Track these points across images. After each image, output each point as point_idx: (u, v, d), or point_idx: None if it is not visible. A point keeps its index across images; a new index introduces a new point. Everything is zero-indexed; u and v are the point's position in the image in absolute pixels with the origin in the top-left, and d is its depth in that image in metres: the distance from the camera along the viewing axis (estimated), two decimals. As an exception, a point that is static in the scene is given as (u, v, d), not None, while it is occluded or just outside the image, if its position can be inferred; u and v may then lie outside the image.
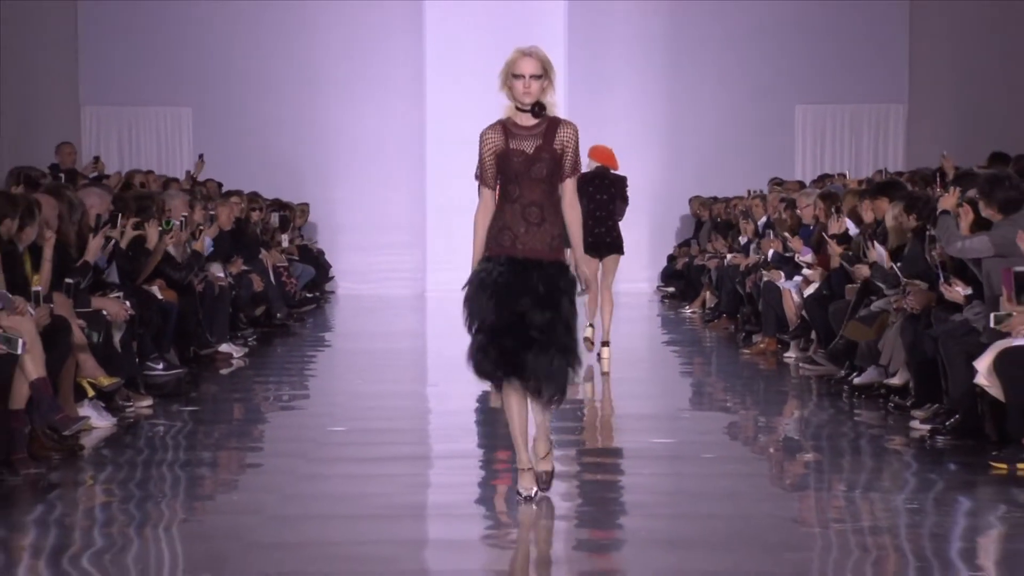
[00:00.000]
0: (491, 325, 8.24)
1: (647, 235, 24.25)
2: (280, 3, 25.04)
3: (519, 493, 8.44)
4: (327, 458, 10.47)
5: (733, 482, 9.82)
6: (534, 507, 8.31)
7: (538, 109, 8.36)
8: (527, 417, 8.43)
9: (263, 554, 7.73)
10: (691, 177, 24.80)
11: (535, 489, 8.45)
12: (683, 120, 25.12)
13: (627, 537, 8.14)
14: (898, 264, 12.45)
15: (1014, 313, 10.07)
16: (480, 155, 8.47)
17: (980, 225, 11.14)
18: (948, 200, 11.59)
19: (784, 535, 8.19)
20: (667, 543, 7.98)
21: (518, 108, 8.40)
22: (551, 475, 8.57)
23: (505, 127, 8.44)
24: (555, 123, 8.44)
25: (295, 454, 10.68)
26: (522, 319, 8.24)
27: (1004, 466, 9.57)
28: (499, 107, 8.56)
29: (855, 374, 12.99)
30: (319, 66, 25.08)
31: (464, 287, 8.40)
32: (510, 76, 8.34)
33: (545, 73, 8.35)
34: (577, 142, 8.47)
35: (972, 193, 11.45)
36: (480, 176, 8.49)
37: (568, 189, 8.51)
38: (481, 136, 8.47)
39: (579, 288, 8.52)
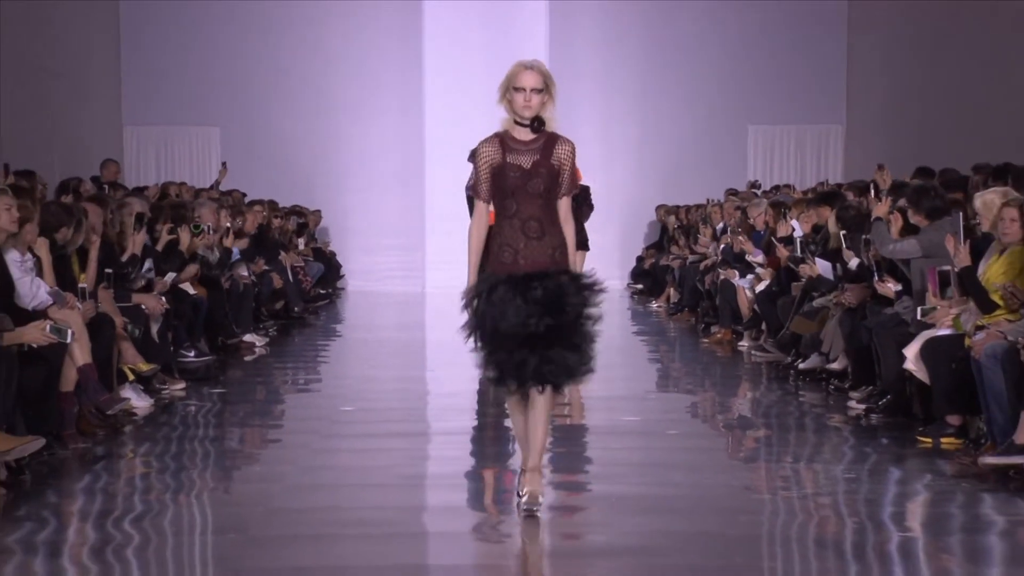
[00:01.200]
0: (498, 338, 7.28)
1: (619, 238, 24.24)
2: (297, 34, 25.01)
3: (519, 494, 7.42)
4: (338, 434, 10.49)
5: (693, 455, 9.83)
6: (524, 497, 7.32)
7: (537, 124, 7.41)
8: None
9: (282, 518, 7.74)
10: (657, 187, 24.79)
11: (538, 493, 7.38)
12: (650, 138, 25.12)
13: (599, 502, 8.15)
14: (836, 265, 12.50)
15: (938, 307, 10.11)
16: (476, 168, 7.53)
17: (908, 230, 11.18)
18: (881, 208, 11.64)
19: (738, 501, 8.21)
20: (635, 507, 8.00)
21: (517, 122, 7.44)
22: (540, 502, 7.39)
23: (503, 140, 7.46)
24: (553, 139, 7.46)
25: (310, 431, 10.69)
26: (529, 327, 7.25)
27: (929, 440, 9.61)
28: (491, 124, 7.68)
29: (800, 360, 13.03)
30: (330, 89, 25.03)
31: (463, 301, 7.41)
32: (511, 89, 7.40)
33: (546, 87, 7.41)
34: (574, 160, 7.51)
35: (902, 202, 11.49)
36: (474, 189, 7.55)
37: (563, 207, 7.50)
38: (478, 149, 7.50)
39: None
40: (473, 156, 7.64)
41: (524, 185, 7.39)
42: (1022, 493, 8.07)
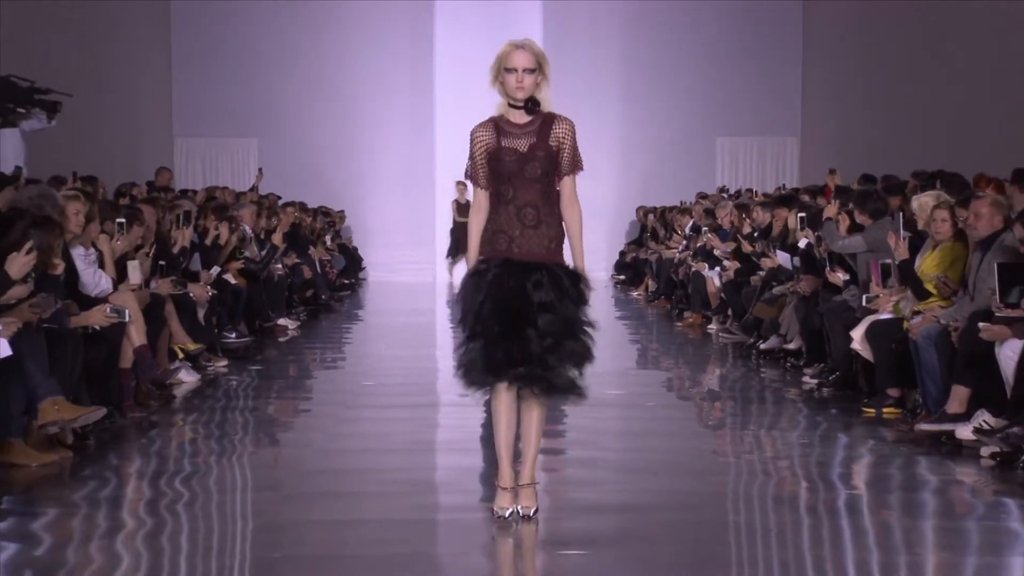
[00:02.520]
0: (486, 330, 6.10)
1: (604, 235, 24.22)
2: (324, 58, 25.04)
3: (494, 512, 6.22)
4: (360, 405, 10.49)
5: (668, 423, 9.85)
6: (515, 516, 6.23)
7: (532, 105, 6.18)
8: (514, 432, 6.25)
9: (311, 478, 7.75)
10: (638, 190, 24.79)
11: (510, 509, 6.20)
12: (632, 148, 25.11)
13: (585, 464, 8.16)
14: (796, 260, 12.53)
15: (880, 295, 10.13)
16: (471, 154, 6.30)
17: (854, 228, 11.20)
18: (831, 210, 11.65)
19: (707, 463, 8.23)
20: (617, 469, 8.03)
21: (511, 104, 6.22)
22: (535, 511, 6.26)
23: (497, 124, 6.25)
24: (550, 119, 6.24)
25: (336, 402, 10.70)
26: (521, 323, 6.08)
27: (872, 410, 9.64)
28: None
29: (761, 341, 13.04)
30: (353, 106, 25.03)
31: (459, 288, 6.36)
32: (502, 70, 6.18)
33: (539, 67, 6.17)
34: (575, 137, 6.25)
35: (848, 204, 11.52)
36: (472, 176, 6.32)
37: (567, 187, 6.27)
38: (472, 134, 6.29)
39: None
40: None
41: (521, 170, 6.20)
42: (952, 456, 8.09)
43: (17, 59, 14.29)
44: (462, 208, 22.73)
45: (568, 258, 6.30)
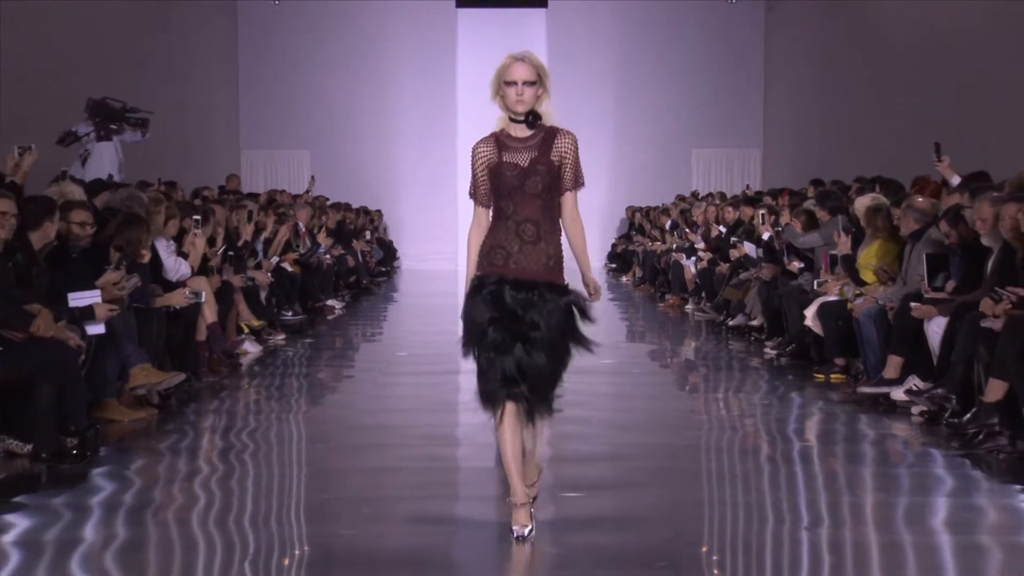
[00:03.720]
0: (489, 344, 5.03)
1: (598, 230, 24.19)
2: (365, 81, 25.02)
3: (512, 531, 5.03)
4: (395, 372, 10.52)
5: (651, 387, 9.88)
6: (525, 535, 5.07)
7: (532, 119, 5.10)
8: (520, 447, 5.15)
9: (355, 432, 7.79)
10: (627, 193, 24.75)
11: (529, 527, 5.05)
12: (622, 157, 25.05)
13: (582, 422, 8.18)
14: (759, 250, 12.55)
15: (828, 281, 10.14)
16: (472, 170, 5.25)
17: (809, 225, 11.24)
18: (785, 216, 11.79)
19: (684, 420, 8.24)
20: (608, 425, 8.04)
21: (511, 119, 5.14)
22: (534, 499, 5.27)
23: (498, 139, 5.16)
24: (552, 133, 5.13)
25: (375, 369, 10.74)
26: (515, 340, 5.01)
27: (822, 376, 9.67)
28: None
29: (729, 319, 13.05)
30: (389, 120, 25.04)
31: (462, 310, 5.17)
32: (502, 83, 5.12)
33: (539, 80, 5.09)
34: (577, 152, 5.14)
35: (808, 204, 11.57)
36: (473, 194, 5.26)
37: (568, 203, 5.14)
38: (473, 150, 5.23)
39: (586, 295, 5.23)
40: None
41: (521, 185, 5.08)
42: (888, 414, 8.11)
43: (112, 83, 14.34)
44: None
45: (567, 275, 5.18)
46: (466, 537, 5.31)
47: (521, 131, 5.14)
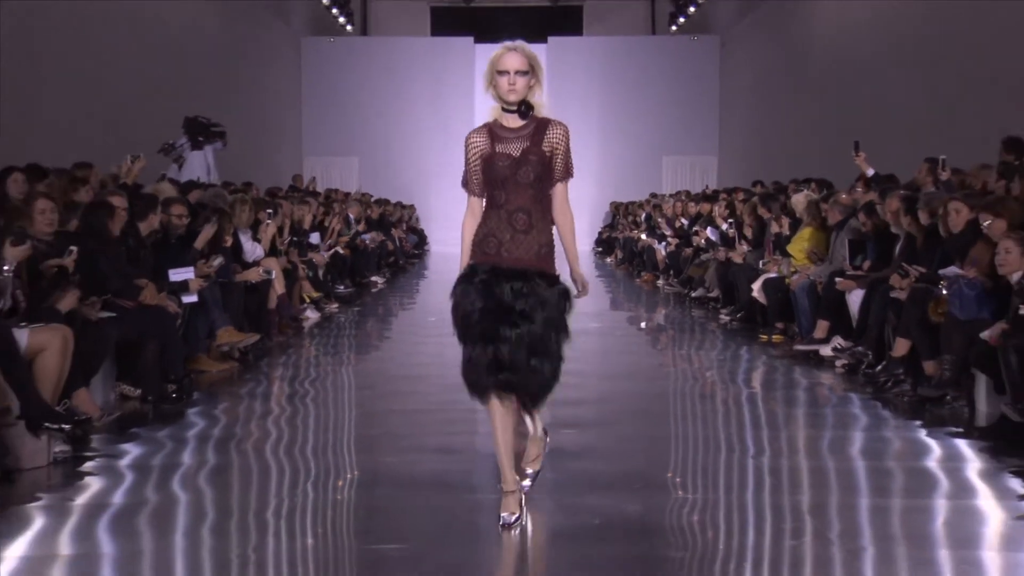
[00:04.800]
0: (477, 333, 4.09)
1: (588, 220, 24.15)
2: (403, 98, 24.99)
3: (500, 519, 4.12)
4: (427, 334, 10.50)
5: (629, 345, 9.89)
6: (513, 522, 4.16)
7: (524, 108, 4.14)
8: (512, 433, 4.21)
9: (394, 381, 7.80)
10: (611, 189, 24.67)
11: (517, 515, 4.13)
12: (608, 161, 25.02)
13: (574, 374, 8.17)
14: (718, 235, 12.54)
15: (771, 261, 10.12)
16: (466, 160, 4.29)
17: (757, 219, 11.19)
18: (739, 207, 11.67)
19: (655, 372, 8.26)
20: (596, 376, 8.02)
21: (504, 108, 4.17)
22: (537, 474, 4.52)
23: (491, 130, 4.20)
24: (544, 123, 4.17)
25: (409, 332, 10.73)
26: (504, 327, 4.06)
27: (766, 337, 9.67)
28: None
29: (692, 291, 13.03)
30: (420, 129, 25.00)
31: (451, 295, 4.23)
32: (494, 73, 4.13)
33: (532, 70, 4.11)
34: (568, 143, 4.18)
35: (754, 200, 11.53)
36: (466, 183, 4.31)
37: (559, 193, 4.20)
38: (466, 140, 4.26)
39: (574, 291, 4.25)
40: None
41: (513, 175, 4.14)
42: (817, 366, 8.11)
43: (201, 104, 14.37)
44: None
45: (558, 265, 4.24)
46: (483, 464, 5.34)
47: (513, 121, 4.17)
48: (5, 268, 5.56)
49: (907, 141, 13.01)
